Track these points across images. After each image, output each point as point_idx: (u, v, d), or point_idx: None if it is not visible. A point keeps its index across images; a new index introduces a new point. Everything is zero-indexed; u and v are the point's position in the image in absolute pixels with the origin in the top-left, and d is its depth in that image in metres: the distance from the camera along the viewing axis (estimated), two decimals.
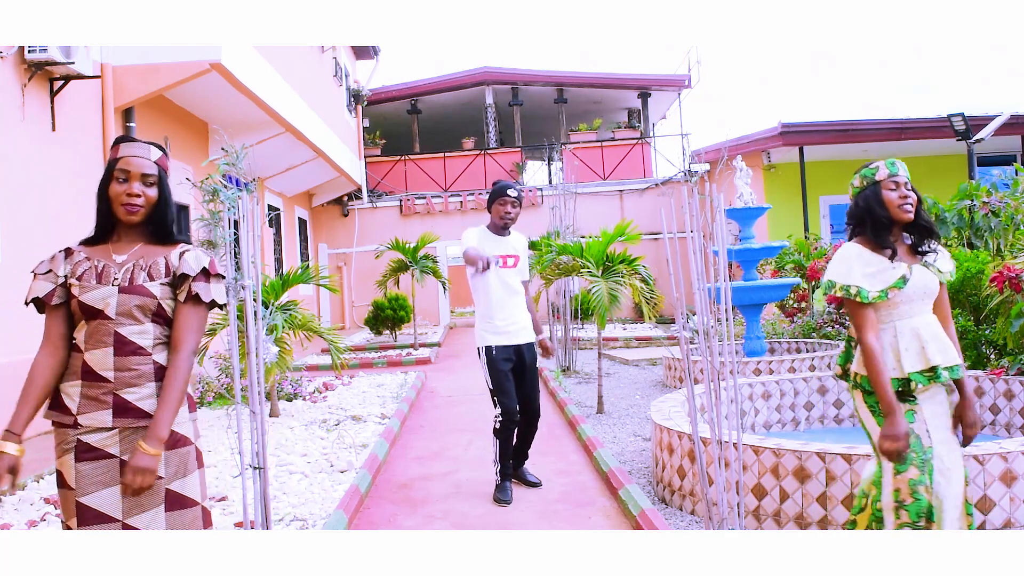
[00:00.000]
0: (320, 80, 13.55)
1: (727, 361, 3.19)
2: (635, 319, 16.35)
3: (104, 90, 7.59)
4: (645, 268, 7.05)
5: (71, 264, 2.13)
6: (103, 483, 2.04)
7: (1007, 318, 5.21)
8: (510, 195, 4.53)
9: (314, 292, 15.74)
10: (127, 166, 2.12)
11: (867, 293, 2.55)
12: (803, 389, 5.69)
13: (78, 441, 2.05)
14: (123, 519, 2.05)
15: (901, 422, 2.45)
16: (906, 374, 2.52)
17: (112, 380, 2.07)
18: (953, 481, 2.51)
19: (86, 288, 2.09)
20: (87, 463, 2.04)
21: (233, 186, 6.10)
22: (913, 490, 2.47)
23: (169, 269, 2.16)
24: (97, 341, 2.08)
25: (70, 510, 2.06)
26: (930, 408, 2.56)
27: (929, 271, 2.60)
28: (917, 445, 2.51)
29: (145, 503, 2.07)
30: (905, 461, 2.48)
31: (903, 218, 2.59)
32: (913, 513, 2.46)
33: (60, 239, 4.21)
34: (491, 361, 4.45)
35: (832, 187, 14.59)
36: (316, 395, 8.26)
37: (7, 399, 7.15)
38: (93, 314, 2.08)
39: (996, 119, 11.33)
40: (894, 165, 2.62)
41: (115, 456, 2.06)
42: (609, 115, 21.79)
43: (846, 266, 2.60)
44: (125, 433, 2.07)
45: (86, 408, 2.06)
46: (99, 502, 2.04)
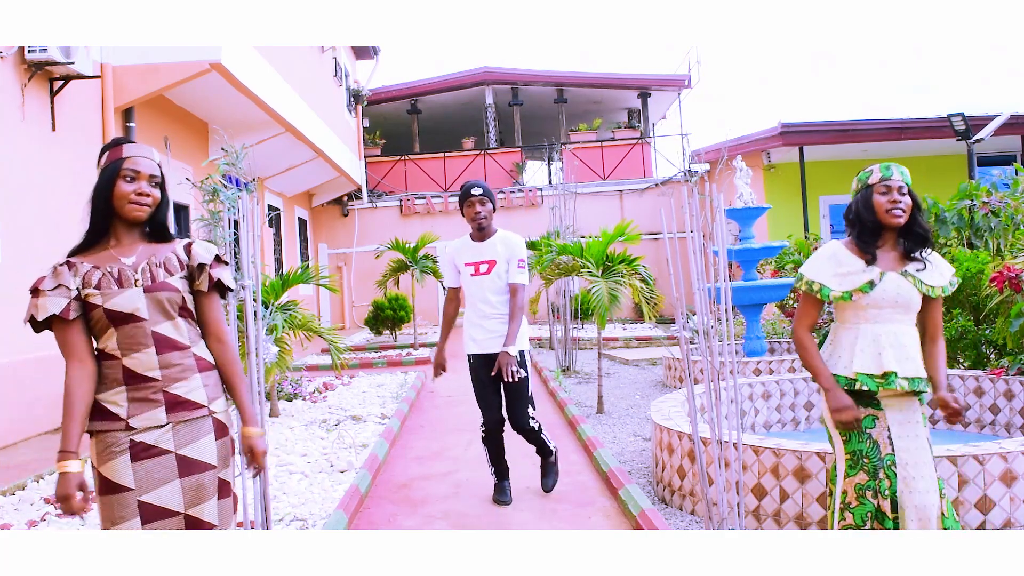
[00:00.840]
0: (320, 80, 13.55)
1: (727, 361, 3.19)
2: (635, 319, 16.35)
3: (104, 90, 7.59)
4: (645, 268, 7.05)
5: (79, 276, 2.09)
6: (163, 479, 2.07)
7: (1007, 318, 5.21)
8: (474, 195, 4.22)
9: (314, 292, 15.74)
10: (136, 166, 2.12)
11: (828, 292, 2.61)
12: (803, 389, 5.69)
13: (132, 442, 2.06)
14: (185, 511, 2.10)
15: (840, 395, 2.53)
16: (854, 373, 2.56)
17: (160, 378, 2.09)
18: (920, 491, 2.50)
19: (109, 294, 2.07)
20: (145, 462, 2.06)
21: (233, 186, 6.12)
22: (859, 494, 2.53)
23: (181, 263, 2.19)
24: (135, 344, 2.08)
25: (124, 513, 2.04)
26: (895, 415, 2.57)
27: (907, 281, 2.58)
28: (872, 451, 2.54)
29: (204, 494, 2.12)
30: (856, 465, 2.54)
31: (891, 223, 2.59)
32: (857, 517, 2.52)
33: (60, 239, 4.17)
34: (470, 370, 4.36)
35: (832, 187, 14.59)
36: (316, 395, 8.26)
37: (7, 399, 7.14)
38: (124, 319, 2.07)
39: (996, 119, 11.34)
40: (888, 169, 2.61)
41: (171, 452, 2.08)
42: (609, 115, 21.79)
43: (819, 264, 2.67)
44: (178, 427, 2.10)
45: (137, 410, 2.07)
46: (162, 498, 2.07)
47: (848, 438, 2.58)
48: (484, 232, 4.31)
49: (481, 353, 4.30)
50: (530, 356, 4.49)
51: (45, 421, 6.64)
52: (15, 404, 6.27)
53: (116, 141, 2.19)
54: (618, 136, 19.14)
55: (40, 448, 6.06)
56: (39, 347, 6.47)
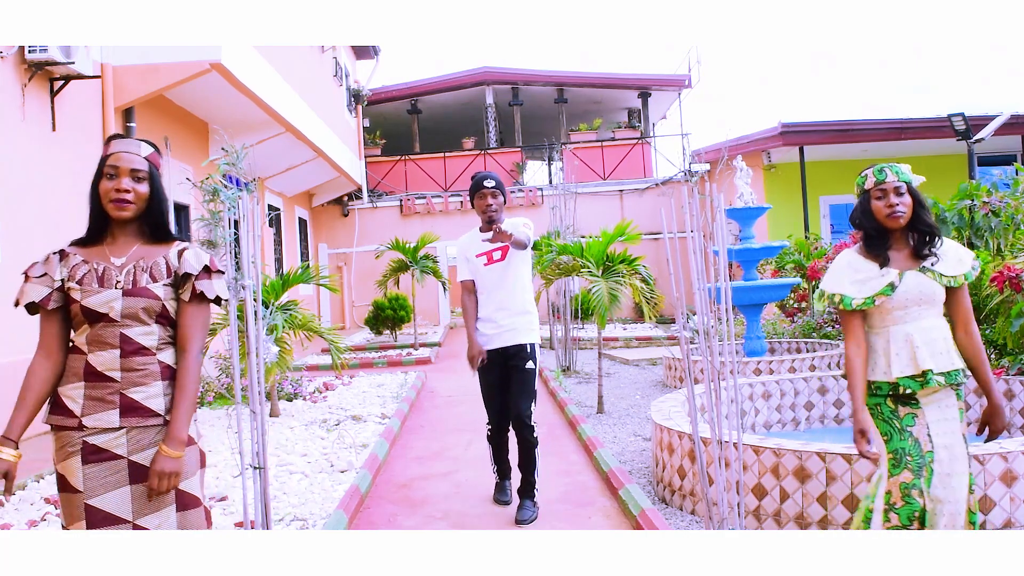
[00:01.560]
0: (320, 80, 13.55)
1: (727, 361, 3.19)
2: (635, 319, 16.35)
3: (104, 90, 7.59)
4: (645, 268, 7.05)
5: (67, 267, 2.09)
6: (112, 484, 2.03)
7: (1007, 318, 5.21)
8: (487, 187, 4.23)
9: (314, 292, 15.73)
10: (116, 162, 2.10)
11: (850, 300, 2.60)
12: (803, 389, 5.68)
13: (84, 443, 2.03)
14: (133, 520, 2.04)
15: (863, 418, 2.58)
16: (894, 379, 2.55)
17: (119, 380, 2.06)
18: (953, 487, 2.50)
19: (88, 292, 2.06)
20: (95, 465, 2.02)
21: (233, 186, 6.12)
22: (905, 493, 2.48)
23: (170, 269, 2.15)
24: (102, 343, 2.06)
25: (74, 513, 2.03)
26: (934, 412, 2.57)
27: (926, 276, 2.58)
28: (915, 449, 2.52)
29: (156, 504, 2.06)
30: (899, 464, 2.51)
31: (892, 226, 2.59)
32: (904, 517, 2.48)
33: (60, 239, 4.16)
34: (480, 369, 4.31)
35: (832, 187, 14.58)
36: (316, 395, 8.26)
37: (7, 399, 7.17)
38: (97, 318, 2.06)
39: (996, 119, 11.33)
40: (881, 172, 2.60)
41: (123, 456, 2.04)
42: (609, 115, 21.78)
43: (836, 275, 2.68)
44: (132, 433, 2.06)
45: (91, 409, 2.04)
46: (109, 503, 2.02)
47: (889, 437, 2.56)
48: (494, 224, 4.26)
49: (491, 349, 4.23)
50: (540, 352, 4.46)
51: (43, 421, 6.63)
52: (11, 409, 6.26)
53: (110, 137, 2.19)
54: (618, 136, 19.13)
55: (40, 448, 6.04)
56: None
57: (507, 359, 4.20)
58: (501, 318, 4.23)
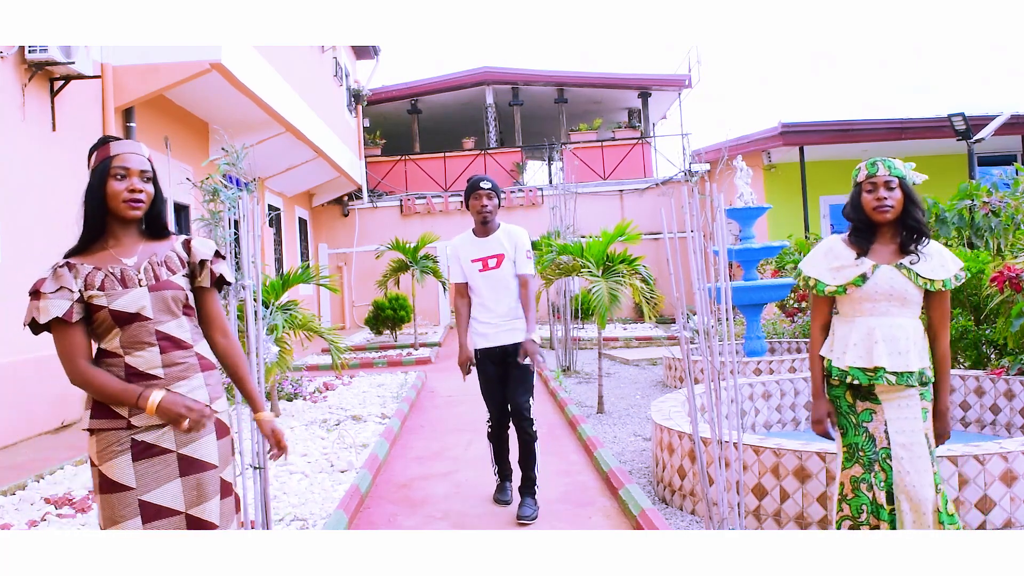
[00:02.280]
0: (320, 80, 13.55)
1: (727, 361, 3.19)
2: (635, 319, 16.35)
3: (104, 90, 7.59)
4: (645, 268, 7.05)
5: (81, 278, 2.07)
6: (165, 478, 2.07)
7: (1007, 318, 5.21)
8: (483, 188, 4.23)
9: (314, 292, 15.74)
10: (125, 163, 2.11)
11: (824, 286, 2.67)
12: (803, 389, 5.68)
13: (132, 440, 2.05)
14: (186, 510, 2.09)
15: (819, 406, 2.71)
16: (845, 366, 2.60)
17: (163, 376, 2.08)
18: (911, 486, 2.52)
19: (115, 295, 2.06)
20: (146, 460, 2.05)
21: (233, 186, 6.12)
22: (855, 486, 2.59)
23: (182, 260, 2.19)
24: (139, 343, 2.07)
25: (125, 512, 2.03)
26: (893, 411, 2.59)
27: (900, 273, 2.57)
28: (868, 444, 2.58)
29: (205, 494, 2.11)
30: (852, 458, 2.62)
31: (878, 219, 2.61)
32: (853, 508, 2.59)
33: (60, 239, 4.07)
34: (477, 365, 4.37)
35: (832, 187, 14.58)
36: (316, 395, 8.26)
37: (7, 399, 7.13)
38: (129, 319, 2.07)
39: (996, 119, 11.33)
40: (873, 165, 2.61)
41: (172, 451, 2.08)
42: (609, 115, 21.78)
43: (815, 259, 2.74)
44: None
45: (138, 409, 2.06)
46: (163, 497, 2.06)
47: (845, 431, 2.65)
48: (488, 227, 4.32)
49: (490, 347, 4.28)
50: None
51: (45, 421, 6.64)
52: (15, 404, 6.27)
53: (103, 140, 2.18)
54: (618, 136, 19.13)
55: (40, 448, 6.06)
56: (39, 347, 6.47)
57: (506, 356, 4.27)
58: (498, 319, 4.28)
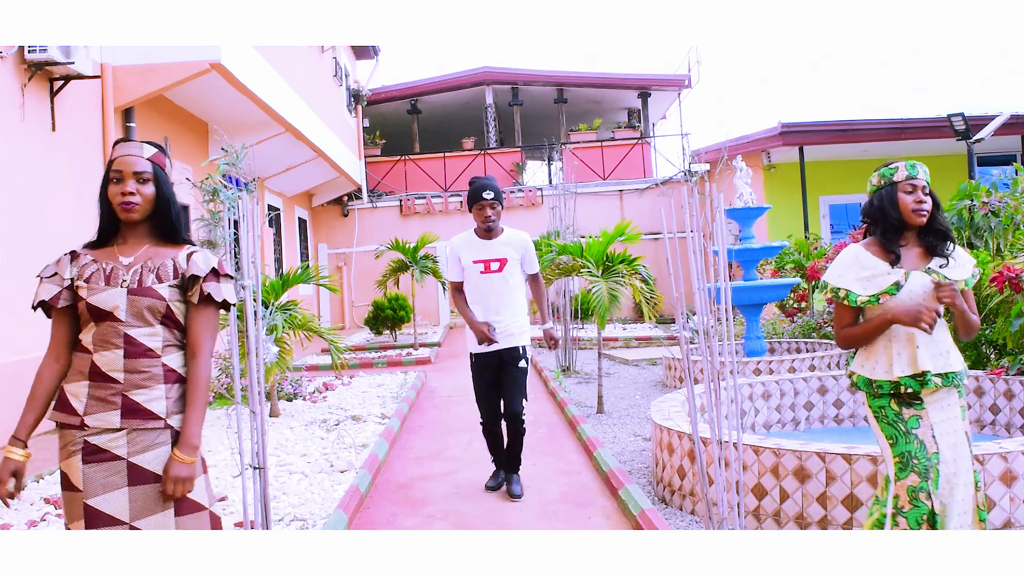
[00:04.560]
0: (320, 80, 13.55)
1: (727, 361, 3.19)
2: (635, 319, 16.35)
3: (104, 90, 7.59)
4: (645, 268, 7.05)
5: (77, 267, 2.13)
6: (112, 485, 2.03)
7: (1007, 318, 5.21)
8: (486, 198, 4.26)
9: (314, 292, 15.74)
10: (120, 166, 2.14)
11: (856, 297, 2.60)
12: (803, 389, 5.69)
13: (85, 443, 2.04)
14: (131, 522, 2.04)
15: (910, 308, 2.48)
16: (896, 378, 2.55)
17: (121, 381, 2.07)
18: (958, 486, 2.50)
19: (94, 290, 2.08)
20: (94, 464, 2.04)
21: (233, 186, 6.12)
22: (912, 496, 2.48)
23: (177, 271, 2.16)
24: (106, 343, 2.07)
25: (75, 512, 2.04)
26: (937, 414, 2.56)
27: (931, 278, 2.58)
28: (920, 451, 2.52)
29: (154, 507, 2.06)
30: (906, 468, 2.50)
31: (915, 222, 2.59)
32: (912, 520, 2.47)
33: (60, 239, 4.14)
34: (472, 367, 4.50)
35: (832, 187, 14.57)
36: (316, 395, 8.26)
37: (7, 399, 7.14)
38: (102, 316, 2.08)
39: (996, 119, 11.33)
40: (914, 168, 2.60)
41: (123, 458, 2.05)
42: (609, 115, 21.78)
43: (842, 270, 2.66)
44: (132, 434, 2.06)
45: (93, 409, 2.05)
46: (107, 504, 2.03)
47: (895, 440, 2.55)
48: (492, 232, 4.42)
49: (487, 352, 4.38)
50: (531, 351, 4.68)
51: (45, 421, 6.63)
52: (15, 404, 6.25)
53: (116, 142, 2.23)
54: (618, 136, 19.13)
55: (40, 448, 6.04)
56: (39, 347, 6.46)
57: (501, 360, 4.39)
58: (496, 322, 4.36)
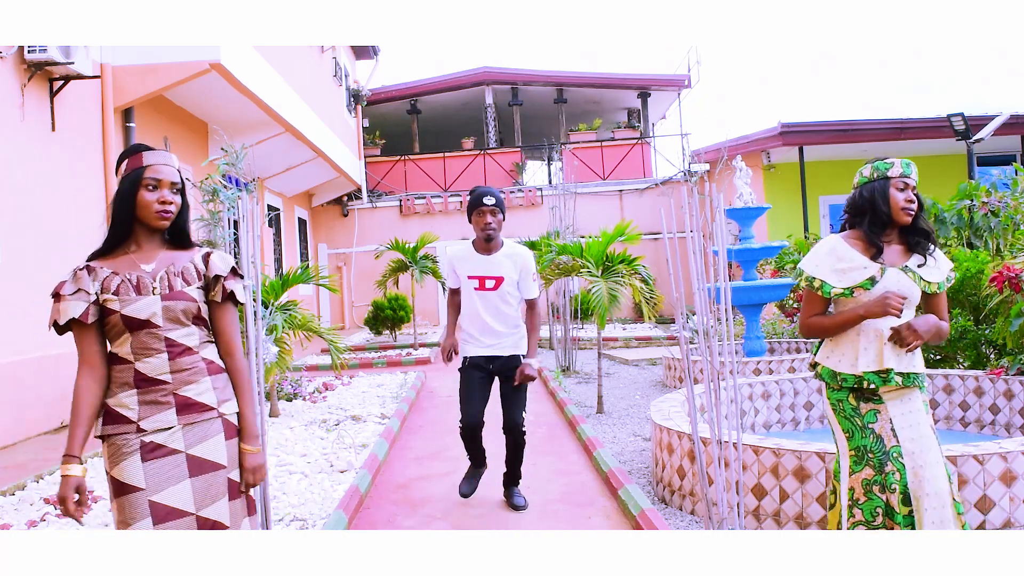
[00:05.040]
0: (320, 80, 13.55)
1: (727, 361, 3.19)
2: (635, 319, 16.35)
3: (104, 90, 7.59)
4: (645, 268, 7.05)
5: (99, 281, 2.13)
6: (174, 479, 2.09)
7: (1007, 318, 5.21)
8: (487, 204, 4.08)
9: (314, 292, 15.74)
10: (157, 174, 2.16)
11: (830, 288, 2.62)
12: (803, 389, 5.69)
13: (141, 442, 2.08)
14: (196, 512, 2.11)
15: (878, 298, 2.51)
16: (860, 372, 2.57)
17: (170, 381, 2.12)
18: (928, 479, 2.51)
19: (127, 301, 2.10)
20: (155, 461, 2.08)
21: (233, 186, 6.12)
22: (867, 489, 2.53)
23: (199, 273, 2.22)
24: (148, 350, 2.12)
25: (137, 512, 2.06)
26: (896, 407, 2.58)
27: (907, 276, 2.59)
28: (876, 446, 2.55)
29: (214, 494, 2.13)
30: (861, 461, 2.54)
31: (902, 220, 2.60)
32: (866, 512, 2.52)
33: (59, 239, 4.16)
34: (461, 369, 4.31)
35: (832, 187, 14.58)
36: (316, 395, 8.26)
37: (7, 399, 7.12)
38: (139, 325, 2.11)
39: (996, 119, 11.33)
40: (909, 167, 2.63)
41: (181, 451, 2.11)
42: (609, 115, 21.78)
43: (818, 259, 2.66)
44: (187, 428, 2.13)
45: (147, 412, 2.10)
46: (172, 498, 2.08)
47: (851, 435, 2.59)
48: (491, 244, 4.19)
49: (478, 355, 4.24)
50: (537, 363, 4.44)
51: (45, 421, 6.64)
52: (15, 404, 6.27)
53: (136, 148, 2.22)
54: (618, 136, 19.13)
55: (40, 448, 6.05)
56: (39, 347, 6.47)
57: (498, 368, 4.24)
58: (491, 334, 4.23)
